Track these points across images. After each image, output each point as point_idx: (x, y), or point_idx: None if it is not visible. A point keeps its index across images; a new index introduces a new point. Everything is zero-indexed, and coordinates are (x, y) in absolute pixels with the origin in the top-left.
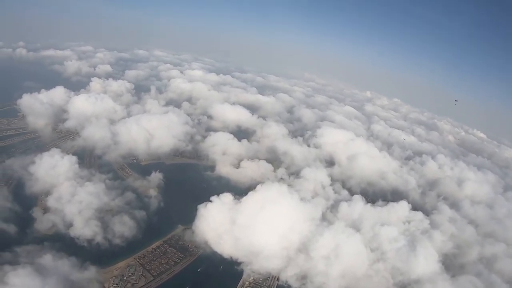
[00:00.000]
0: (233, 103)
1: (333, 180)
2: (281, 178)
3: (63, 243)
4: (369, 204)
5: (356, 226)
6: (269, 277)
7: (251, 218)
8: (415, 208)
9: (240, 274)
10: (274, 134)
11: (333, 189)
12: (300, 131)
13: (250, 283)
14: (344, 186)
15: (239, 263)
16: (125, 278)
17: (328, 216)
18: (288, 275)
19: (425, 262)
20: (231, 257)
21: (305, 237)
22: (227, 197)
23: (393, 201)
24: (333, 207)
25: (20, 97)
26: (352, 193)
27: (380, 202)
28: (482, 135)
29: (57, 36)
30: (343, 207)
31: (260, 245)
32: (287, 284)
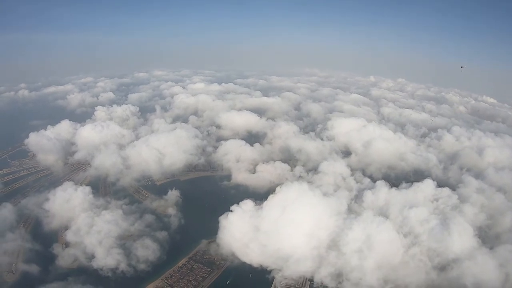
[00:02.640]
0: (240, 109)
1: (353, 170)
2: (299, 176)
3: (88, 275)
4: (393, 188)
5: (384, 213)
6: (302, 281)
7: (275, 222)
8: (440, 184)
9: (270, 281)
10: (286, 133)
11: (355, 179)
12: (311, 126)
13: None
14: (365, 174)
15: (269, 271)
16: None
17: (354, 208)
18: (322, 275)
19: (461, 239)
20: (260, 266)
21: (334, 233)
22: (247, 204)
23: (416, 181)
24: (358, 197)
25: (27, 136)
26: (374, 179)
27: (404, 184)
28: (492, 100)
29: (56, 73)
30: (368, 195)
31: (288, 249)
32: (322, 285)
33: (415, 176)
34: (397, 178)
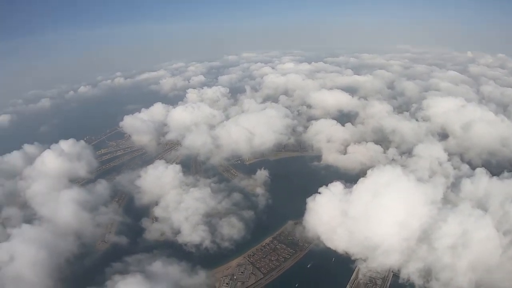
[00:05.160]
0: (331, 88)
1: (450, 154)
2: (392, 159)
3: (173, 249)
4: (494, 177)
5: (482, 206)
6: (386, 274)
7: (364, 208)
8: None
9: (352, 271)
10: (378, 112)
11: (452, 165)
12: (405, 106)
13: (362, 279)
14: (463, 159)
15: (353, 260)
16: (235, 277)
17: (450, 197)
18: (410, 270)
19: None
20: (345, 253)
21: (427, 224)
22: (336, 186)
23: None
24: (454, 185)
25: (123, 119)
26: (473, 166)
27: (506, 174)
28: None
29: (149, 61)
30: (466, 184)
31: (377, 238)
32: (407, 281)
33: None
34: (499, 166)
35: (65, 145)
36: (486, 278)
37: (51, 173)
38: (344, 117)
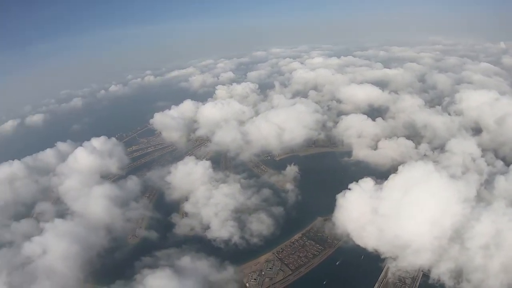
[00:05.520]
0: (360, 83)
1: (484, 150)
2: (424, 155)
3: (202, 244)
4: None
5: None
6: (416, 274)
7: (395, 205)
8: None
9: (381, 268)
10: (410, 107)
11: (486, 161)
12: (437, 99)
13: (391, 278)
14: (497, 155)
15: (382, 259)
16: (263, 273)
17: (483, 194)
18: (441, 271)
19: None
20: (375, 251)
21: (459, 223)
22: (367, 182)
23: None
24: (488, 182)
25: (153, 117)
26: (507, 163)
27: None
28: None
29: (178, 58)
30: (500, 181)
31: (407, 237)
32: (438, 282)
33: None
34: None
35: (97, 142)
36: None
37: (83, 170)
38: (374, 112)
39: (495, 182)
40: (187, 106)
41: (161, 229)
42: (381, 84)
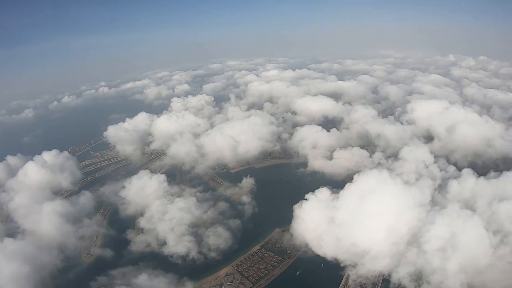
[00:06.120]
0: (315, 94)
1: (436, 157)
2: (378, 163)
3: (158, 261)
4: (481, 178)
5: (470, 206)
6: (377, 280)
7: (352, 214)
8: None
9: (341, 276)
10: (363, 117)
11: (438, 167)
12: (390, 110)
13: (352, 285)
14: (449, 161)
15: (342, 267)
16: (223, 287)
17: (437, 199)
18: (401, 275)
19: None
20: (334, 259)
21: (416, 228)
22: (323, 192)
23: (507, 170)
24: (441, 187)
25: (107, 129)
26: (459, 167)
27: (492, 174)
28: None
29: (133, 70)
30: (453, 185)
31: (365, 244)
32: (398, 286)
33: (504, 164)
34: (485, 167)
35: (49, 156)
36: (478, 279)
37: (34, 185)
38: (329, 123)
39: (448, 187)
40: (142, 119)
41: (116, 247)
42: (335, 96)
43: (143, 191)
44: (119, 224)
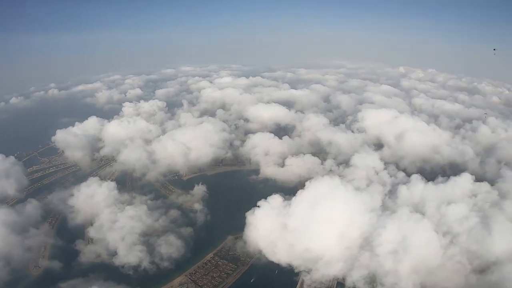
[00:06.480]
0: (268, 102)
1: (386, 163)
2: (330, 170)
3: (109, 272)
4: (429, 183)
5: (420, 210)
6: (331, 284)
7: (304, 220)
8: (477, 179)
9: (296, 282)
10: (315, 125)
11: (388, 173)
12: (341, 118)
13: None
14: (398, 167)
15: (296, 273)
16: None
17: (388, 204)
18: (354, 278)
19: (503, 239)
20: (288, 265)
21: (368, 232)
22: (275, 199)
23: (453, 175)
24: (392, 192)
25: (55, 134)
26: (408, 173)
27: (440, 179)
28: None
29: (85, 72)
30: (403, 190)
31: (318, 250)
32: None
33: (451, 169)
34: (433, 172)
35: None
36: (429, 279)
37: None
38: (281, 131)
39: (398, 192)
40: (92, 123)
41: (65, 258)
42: (288, 104)
43: (93, 199)
44: (68, 234)
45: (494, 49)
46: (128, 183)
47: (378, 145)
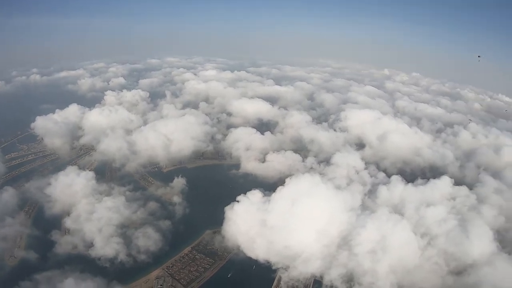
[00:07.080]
0: (251, 97)
1: (367, 163)
2: (311, 168)
3: (86, 264)
4: (409, 184)
5: (399, 211)
6: (309, 282)
7: (283, 216)
8: (456, 182)
9: (273, 278)
10: (298, 122)
11: (369, 173)
12: (324, 117)
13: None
14: (379, 168)
15: (274, 269)
16: None
17: (367, 203)
18: (332, 277)
19: (480, 242)
20: (266, 261)
21: (346, 231)
22: (255, 195)
23: (433, 177)
24: (371, 192)
25: (35, 120)
26: (389, 174)
27: (419, 181)
28: (508, 99)
29: (69, 58)
30: (382, 191)
31: (297, 247)
32: (332, 287)
33: (431, 172)
34: (413, 174)
35: None
36: (407, 279)
37: None
38: (263, 126)
39: (377, 192)
40: (73, 111)
41: (41, 248)
42: (272, 100)
43: (70, 188)
44: (45, 224)
45: (479, 56)
46: (107, 174)
47: (360, 145)
